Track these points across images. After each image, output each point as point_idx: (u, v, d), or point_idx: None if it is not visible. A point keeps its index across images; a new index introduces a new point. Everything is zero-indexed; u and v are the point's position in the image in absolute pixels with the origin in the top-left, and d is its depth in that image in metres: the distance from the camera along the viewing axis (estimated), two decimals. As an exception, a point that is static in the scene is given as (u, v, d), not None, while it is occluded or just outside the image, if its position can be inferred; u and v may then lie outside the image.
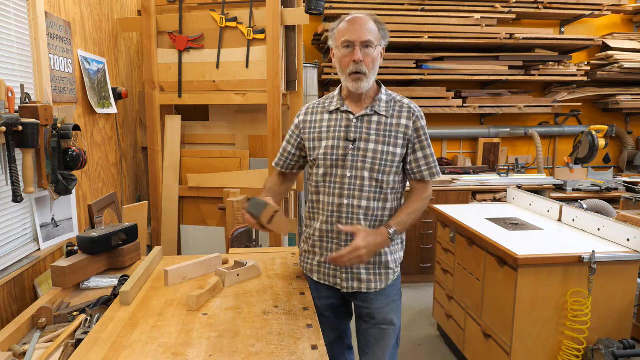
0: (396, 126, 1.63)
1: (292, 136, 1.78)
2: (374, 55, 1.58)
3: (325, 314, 1.78)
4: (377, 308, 1.70)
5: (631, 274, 2.12)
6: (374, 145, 1.61)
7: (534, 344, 2.11)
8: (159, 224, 3.12)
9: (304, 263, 1.79)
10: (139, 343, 1.27)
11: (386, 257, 1.67)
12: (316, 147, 1.68)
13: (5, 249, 1.80)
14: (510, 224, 2.61)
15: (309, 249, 1.75)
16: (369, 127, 1.63)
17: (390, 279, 1.70)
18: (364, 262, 1.55)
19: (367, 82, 1.59)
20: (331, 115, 1.69)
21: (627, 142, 4.95)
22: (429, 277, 3.94)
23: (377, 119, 1.63)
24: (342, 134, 1.64)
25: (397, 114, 1.64)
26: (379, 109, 1.64)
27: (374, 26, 1.58)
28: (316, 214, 1.71)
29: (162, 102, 3.07)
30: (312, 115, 1.74)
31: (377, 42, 1.59)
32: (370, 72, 1.58)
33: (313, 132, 1.71)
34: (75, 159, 2.02)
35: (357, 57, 1.55)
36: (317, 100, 1.79)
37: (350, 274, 1.66)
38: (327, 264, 1.69)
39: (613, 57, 4.47)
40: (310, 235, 1.74)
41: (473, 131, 4.76)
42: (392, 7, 4.23)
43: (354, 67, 1.56)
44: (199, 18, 3.00)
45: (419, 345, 3.07)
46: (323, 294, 1.75)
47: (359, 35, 1.55)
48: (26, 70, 1.94)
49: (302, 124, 1.75)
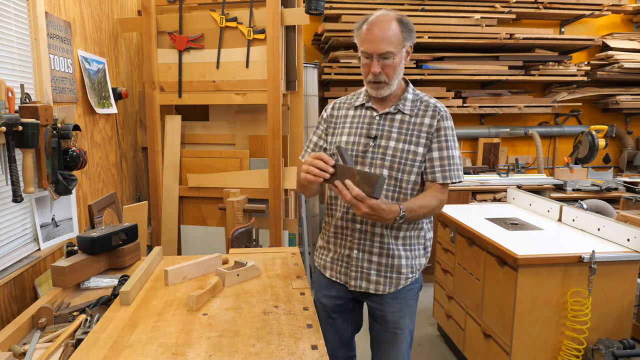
0: (419, 125, 1.60)
1: (319, 128, 1.78)
2: (394, 64, 1.55)
3: (333, 315, 1.77)
4: (391, 312, 1.67)
5: (631, 274, 2.12)
6: (394, 143, 1.59)
7: (534, 344, 2.11)
8: (159, 224, 3.12)
9: (318, 259, 1.79)
10: (139, 343, 1.27)
11: (399, 260, 1.64)
12: (336, 141, 1.68)
13: (5, 249, 1.80)
14: (510, 224, 2.61)
15: (324, 244, 1.76)
16: (392, 125, 1.61)
17: (402, 284, 1.66)
18: (359, 213, 1.42)
19: (388, 88, 1.59)
20: (355, 111, 1.69)
21: (627, 142, 4.94)
22: (429, 277, 3.92)
23: (400, 117, 1.62)
24: (364, 130, 1.63)
25: (422, 113, 1.62)
26: (404, 107, 1.62)
27: (395, 30, 1.52)
28: (334, 210, 1.71)
29: (162, 102, 3.07)
30: (338, 111, 1.74)
31: (398, 49, 1.54)
32: (391, 79, 1.57)
33: (337, 126, 1.71)
34: (75, 159, 2.02)
35: (374, 69, 1.54)
36: (346, 96, 1.78)
37: (360, 272, 1.65)
38: (339, 260, 1.69)
39: (613, 57, 4.47)
40: (326, 231, 1.74)
41: (473, 131, 4.76)
42: (392, 7, 4.22)
43: (373, 77, 1.56)
44: (199, 18, 3.00)
45: (419, 345, 3.07)
46: (333, 292, 1.74)
47: (376, 47, 1.51)
48: (26, 70, 1.94)
49: (329, 118, 1.75)
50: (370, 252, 1.64)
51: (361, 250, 1.64)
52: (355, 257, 1.65)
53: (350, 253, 1.66)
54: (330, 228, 1.72)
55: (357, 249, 1.65)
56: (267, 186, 3.02)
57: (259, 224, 2.98)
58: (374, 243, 1.63)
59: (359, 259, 1.65)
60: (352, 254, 1.66)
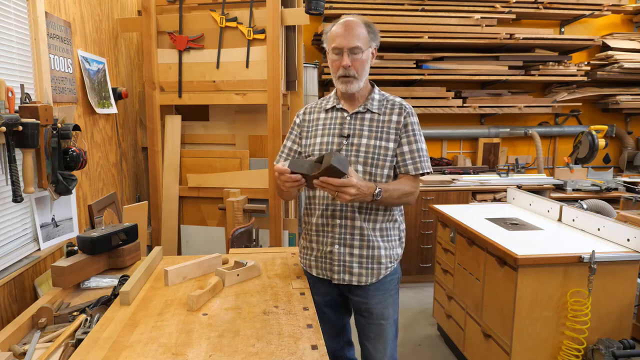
0: (388, 122, 1.71)
1: (292, 133, 1.87)
2: (362, 59, 1.66)
3: (324, 309, 1.84)
4: (375, 303, 1.76)
5: (631, 274, 2.12)
6: (366, 140, 1.69)
7: (534, 344, 2.11)
8: (159, 224, 3.12)
9: (304, 259, 1.85)
10: (139, 343, 1.27)
11: (379, 251, 1.72)
12: (311, 143, 1.77)
13: (5, 249, 1.79)
14: (510, 224, 2.61)
15: (307, 244, 1.83)
16: (362, 124, 1.72)
17: (382, 273, 1.74)
18: (346, 201, 1.52)
19: (357, 83, 1.68)
20: (327, 114, 1.78)
21: (627, 142, 4.95)
22: (429, 277, 3.94)
23: (369, 116, 1.72)
24: (337, 130, 1.73)
25: (389, 111, 1.73)
26: (372, 107, 1.73)
27: (363, 30, 1.66)
28: (312, 209, 1.79)
29: (162, 102, 3.07)
30: (310, 115, 1.84)
31: (366, 46, 1.66)
32: (360, 74, 1.68)
33: (310, 129, 1.80)
34: (75, 159, 2.02)
35: (344, 62, 1.64)
36: (316, 101, 1.88)
37: (342, 266, 1.73)
38: (323, 257, 1.76)
39: (613, 57, 4.47)
40: (308, 231, 1.82)
41: (473, 131, 4.76)
42: (392, 7, 4.22)
43: (343, 72, 1.66)
44: (199, 18, 3.00)
45: (419, 345, 3.07)
46: (320, 289, 1.81)
47: (347, 41, 1.63)
48: (26, 70, 1.94)
49: (302, 123, 1.84)
50: (352, 246, 1.71)
51: (342, 245, 1.72)
52: (337, 251, 1.72)
53: (332, 249, 1.73)
54: (311, 227, 1.79)
55: (339, 244, 1.72)
56: (267, 186, 3.03)
57: (259, 224, 2.98)
58: (354, 236, 1.71)
59: (341, 254, 1.72)
60: (333, 249, 1.73)
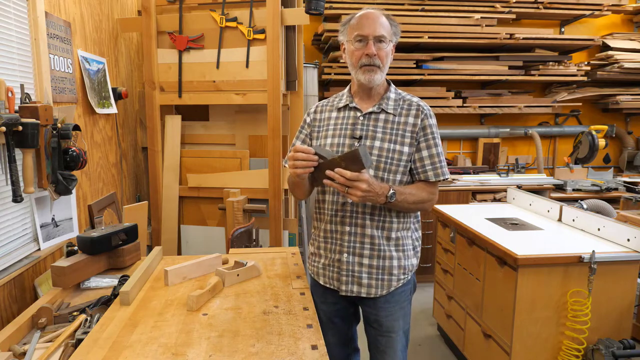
0: (404, 124, 1.60)
1: (301, 132, 1.77)
2: (387, 50, 1.58)
3: (334, 320, 1.75)
4: (385, 316, 1.66)
5: (631, 274, 2.12)
6: (379, 143, 1.58)
7: (534, 344, 2.11)
8: (159, 224, 3.12)
9: (311, 266, 1.77)
10: (139, 343, 1.27)
11: (391, 262, 1.62)
12: (321, 144, 1.67)
13: (5, 249, 1.80)
14: (510, 224, 2.61)
15: (315, 250, 1.74)
16: (376, 125, 1.60)
17: (394, 285, 1.63)
18: (356, 198, 1.42)
19: (380, 74, 1.59)
20: (339, 113, 1.68)
21: (627, 142, 4.95)
22: (429, 277, 3.94)
23: (384, 117, 1.61)
24: (349, 131, 1.62)
25: (405, 112, 1.62)
26: (387, 107, 1.62)
27: (386, 22, 1.58)
28: (322, 214, 1.69)
29: (162, 102, 3.07)
30: (321, 114, 1.73)
31: (390, 38, 1.58)
32: (384, 65, 1.58)
33: (320, 129, 1.70)
34: (75, 159, 2.02)
35: (370, 50, 1.54)
36: (328, 99, 1.78)
37: (350, 276, 1.62)
38: (331, 266, 1.66)
39: (613, 57, 4.47)
40: (316, 237, 1.72)
41: (473, 131, 4.76)
42: (392, 7, 4.22)
43: (367, 60, 1.56)
44: (199, 18, 3.00)
45: (419, 345, 3.07)
46: (329, 299, 1.72)
47: (373, 29, 1.54)
48: (26, 70, 1.94)
49: (312, 122, 1.74)
50: (361, 255, 1.61)
51: (351, 254, 1.61)
52: (346, 260, 1.62)
53: (340, 257, 1.62)
54: (320, 233, 1.69)
55: (347, 252, 1.61)
56: (267, 186, 3.03)
57: (259, 224, 2.98)
58: (364, 245, 1.60)
59: (350, 263, 1.61)
60: (342, 258, 1.62)
